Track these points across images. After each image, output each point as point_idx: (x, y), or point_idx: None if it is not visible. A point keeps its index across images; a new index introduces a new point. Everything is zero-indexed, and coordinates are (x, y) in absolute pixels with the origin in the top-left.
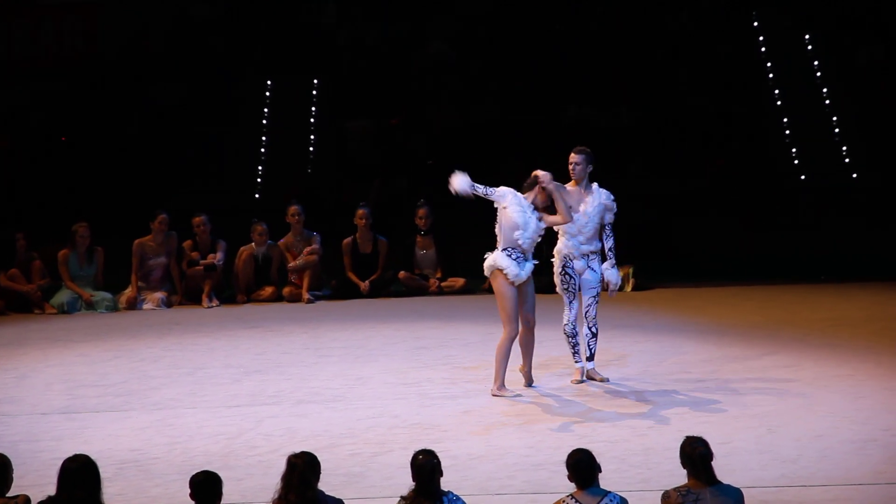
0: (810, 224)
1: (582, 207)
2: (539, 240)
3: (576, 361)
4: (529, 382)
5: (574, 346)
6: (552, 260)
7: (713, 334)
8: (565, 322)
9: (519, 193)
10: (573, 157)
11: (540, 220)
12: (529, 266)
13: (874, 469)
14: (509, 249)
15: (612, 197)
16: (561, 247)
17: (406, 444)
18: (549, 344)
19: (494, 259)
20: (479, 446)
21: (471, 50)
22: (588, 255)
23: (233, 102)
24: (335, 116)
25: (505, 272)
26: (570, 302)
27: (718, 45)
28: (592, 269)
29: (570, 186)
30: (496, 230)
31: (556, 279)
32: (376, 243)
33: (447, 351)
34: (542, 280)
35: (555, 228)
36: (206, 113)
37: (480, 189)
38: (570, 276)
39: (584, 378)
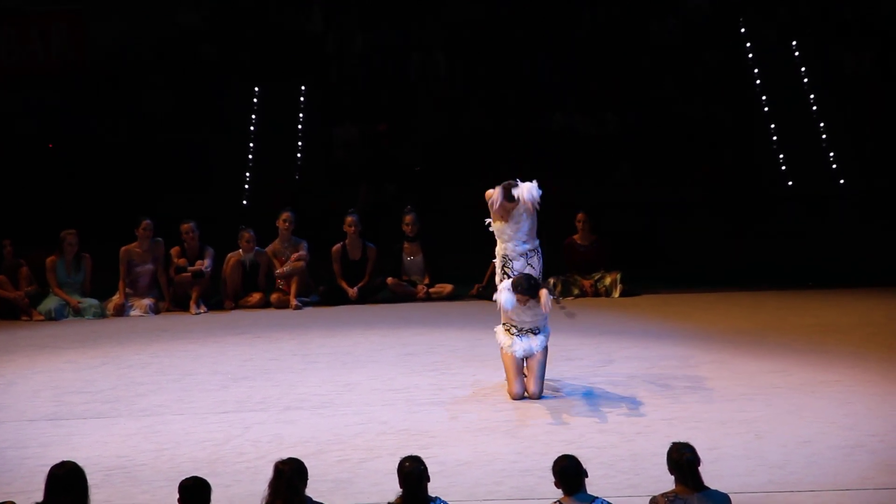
0: (797, 231)
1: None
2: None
3: None
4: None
5: None
6: (493, 260)
7: (700, 340)
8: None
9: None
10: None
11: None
12: (528, 341)
13: (862, 475)
14: (507, 324)
15: (537, 191)
16: (500, 248)
17: (394, 450)
18: None
19: (497, 330)
20: (466, 452)
21: (458, 57)
22: (527, 254)
23: (220, 109)
24: (322, 123)
25: (501, 347)
26: None
27: (705, 53)
28: (533, 266)
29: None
30: None
31: (497, 280)
32: (365, 250)
33: (435, 357)
34: None
35: (493, 230)
36: (193, 120)
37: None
38: (510, 277)
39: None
